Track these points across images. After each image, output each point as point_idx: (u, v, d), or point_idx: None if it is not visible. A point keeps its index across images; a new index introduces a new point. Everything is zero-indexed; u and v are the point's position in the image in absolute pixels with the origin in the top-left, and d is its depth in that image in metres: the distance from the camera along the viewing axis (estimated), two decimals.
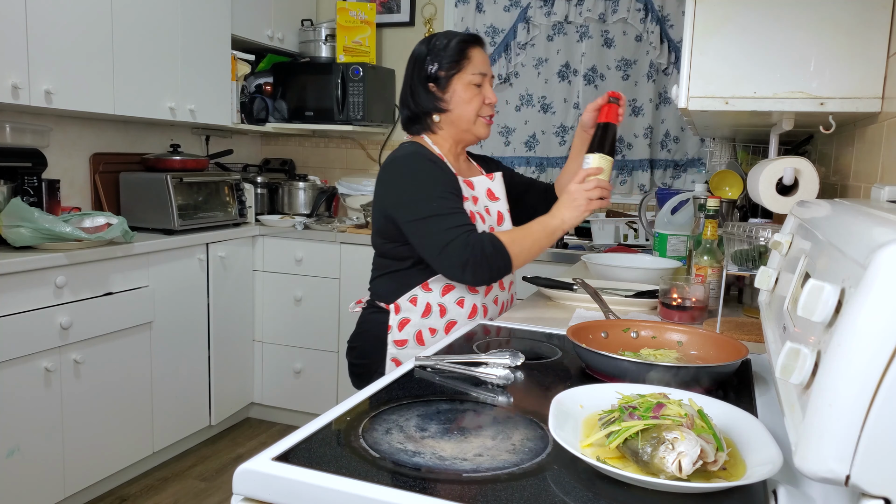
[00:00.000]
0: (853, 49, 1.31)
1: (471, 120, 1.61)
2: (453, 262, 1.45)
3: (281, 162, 3.95)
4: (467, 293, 1.59)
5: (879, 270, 0.50)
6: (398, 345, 1.59)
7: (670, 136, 3.38)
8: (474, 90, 1.60)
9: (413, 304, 1.58)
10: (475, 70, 1.60)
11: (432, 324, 1.58)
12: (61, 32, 2.41)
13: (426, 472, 0.74)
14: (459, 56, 1.59)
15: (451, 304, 1.58)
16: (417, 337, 1.59)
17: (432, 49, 1.60)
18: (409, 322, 1.58)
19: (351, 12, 3.51)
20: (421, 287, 1.58)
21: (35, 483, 2.26)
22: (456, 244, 1.44)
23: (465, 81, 1.59)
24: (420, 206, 1.49)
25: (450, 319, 1.59)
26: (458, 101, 1.59)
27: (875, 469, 0.51)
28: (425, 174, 1.52)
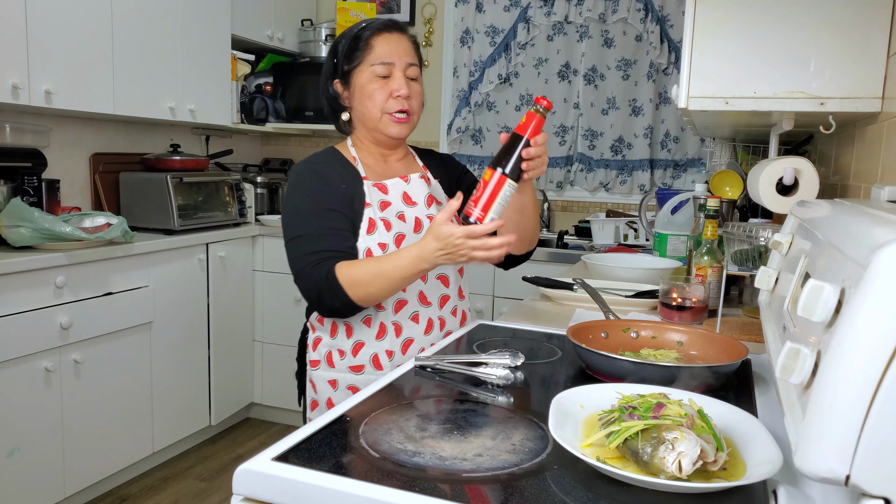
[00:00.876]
0: (853, 49, 1.31)
1: (375, 117, 1.40)
2: (303, 290, 1.34)
3: (281, 162, 3.95)
4: (373, 311, 1.40)
5: (879, 270, 0.50)
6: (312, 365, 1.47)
7: (670, 136, 3.38)
8: (379, 82, 1.39)
9: (320, 322, 1.44)
10: (377, 59, 1.38)
11: (339, 345, 1.43)
12: (61, 32, 2.41)
13: (426, 472, 0.74)
14: (362, 48, 1.39)
15: (357, 323, 1.41)
16: (328, 358, 1.44)
17: (338, 43, 1.43)
18: (320, 341, 1.45)
19: (351, 12, 3.51)
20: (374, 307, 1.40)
21: (35, 483, 2.26)
22: (302, 278, 1.33)
23: (368, 74, 1.39)
24: (287, 222, 1.38)
25: (356, 340, 1.42)
26: (358, 96, 1.41)
27: (875, 469, 0.51)
28: (304, 189, 1.39)
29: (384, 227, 1.40)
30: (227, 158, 3.57)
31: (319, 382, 1.45)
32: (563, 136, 3.51)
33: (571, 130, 3.50)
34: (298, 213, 1.37)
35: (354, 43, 1.40)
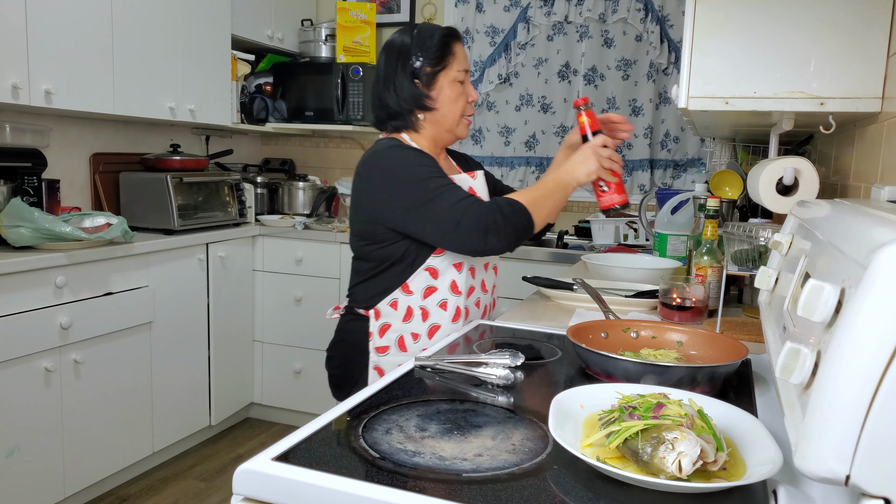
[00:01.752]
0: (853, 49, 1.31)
1: (455, 120, 1.52)
2: (473, 232, 1.35)
3: (281, 162, 3.95)
4: (450, 295, 1.50)
5: (879, 270, 0.50)
6: (379, 352, 1.51)
7: (670, 136, 3.38)
8: (459, 88, 1.50)
9: (393, 307, 1.50)
10: (460, 67, 1.50)
11: (414, 328, 1.50)
12: (61, 32, 2.41)
13: (426, 472, 0.74)
14: (445, 51, 1.48)
15: (434, 307, 1.50)
16: (399, 342, 1.51)
17: (417, 41, 1.48)
18: (390, 327, 1.50)
19: (351, 12, 3.51)
20: (401, 289, 1.49)
21: (35, 483, 2.26)
22: (470, 215, 1.35)
23: (451, 78, 1.49)
24: (416, 192, 1.39)
25: (433, 323, 1.50)
26: (444, 99, 1.49)
27: (875, 469, 0.51)
28: (411, 161, 1.42)
29: None
30: (227, 158, 3.57)
31: (389, 367, 1.49)
32: (562, 136, 3.51)
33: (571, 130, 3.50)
34: (421, 179, 1.39)
35: (441, 46, 1.47)
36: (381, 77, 1.51)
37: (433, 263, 1.48)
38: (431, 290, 1.49)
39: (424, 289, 1.49)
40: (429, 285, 1.49)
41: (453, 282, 1.50)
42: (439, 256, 1.48)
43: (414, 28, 1.51)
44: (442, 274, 1.49)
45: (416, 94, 1.48)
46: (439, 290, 1.50)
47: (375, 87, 1.53)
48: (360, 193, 1.48)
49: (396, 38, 1.51)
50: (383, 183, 1.43)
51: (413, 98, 1.48)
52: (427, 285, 1.49)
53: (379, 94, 1.52)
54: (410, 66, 1.47)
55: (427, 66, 1.47)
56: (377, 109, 1.54)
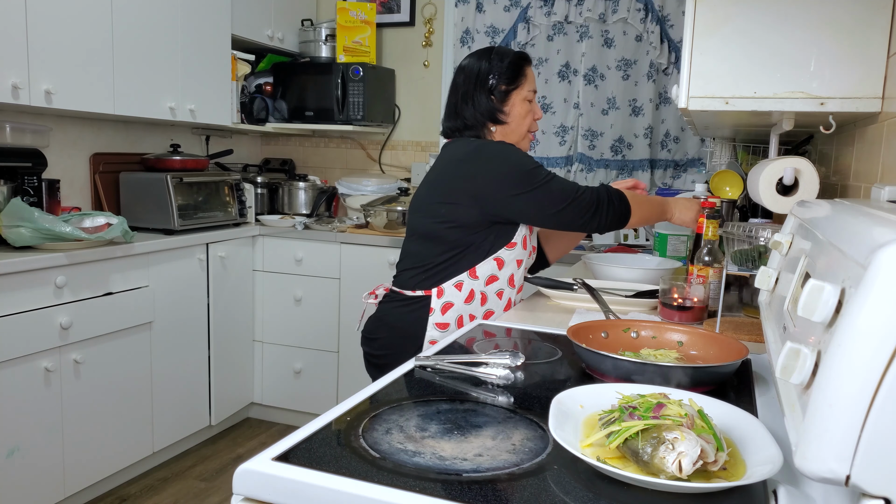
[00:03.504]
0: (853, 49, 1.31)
1: (522, 134, 1.71)
2: (585, 206, 1.56)
3: (281, 162, 3.95)
4: (507, 286, 1.67)
5: (879, 270, 0.50)
6: (440, 327, 1.63)
7: (670, 136, 3.38)
8: (528, 106, 1.70)
9: (458, 289, 1.63)
10: (530, 87, 1.70)
11: (472, 310, 1.65)
12: (61, 32, 2.41)
13: (426, 472, 0.74)
14: (518, 72, 1.68)
15: (492, 294, 1.66)
16: (458, 321, 1.64)
17: (494, 63, 1.67)
18: (452, 306, 1.63)
19: (351, 12, 3.51)
20: (468, 273, 1.63)
21: (35, 483, 2.26)
22: (585, 191, 1.57)
23: (522, 97, 1.68)
24: (535, 176, 1.57)
25: (488, 309, 1.66)
26: (515, 114, 1.68)
27: (875, 469, 0.51)
28: (523, 155, 1.61)
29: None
30: (227, 158, 3.57)
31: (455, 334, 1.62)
32: (563, 137, 3.51)
33: (571, 130, 3.50)
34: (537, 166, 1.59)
35: (515, 68, 1.68)
36: (461, 92, 1.69)
37: (503, 255, 1.64)
38: (494, 278, 1.65)
39: (489, 276, 1.65)
40: (493, 274, 1.65)
41: (512, 275, 1.67)
42: (510, 250, 1.64)
43: (491, 51, 1.69)
44: (506, 266, 1.66)
45: (491, 108, 1.67)
46: (500, 280, 1.66)
47: (451, 101, 1.71)
48: (465, 177, 1.60)
49: (474, 61, 1.70)
50: (500, 167, 1.58)
51: (488, 112, 1.67)
52: (492, 273, 1.65)
53: (455, 107, 1.70)
54: (487, 85, 1.66)
55: (502, 85, 1.66)
56: (451, 120, 1.71)
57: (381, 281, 3.06)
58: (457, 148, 1.66)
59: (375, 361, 1.71)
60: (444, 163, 1.66)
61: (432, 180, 1.68)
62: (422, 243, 1.67)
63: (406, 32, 3.74)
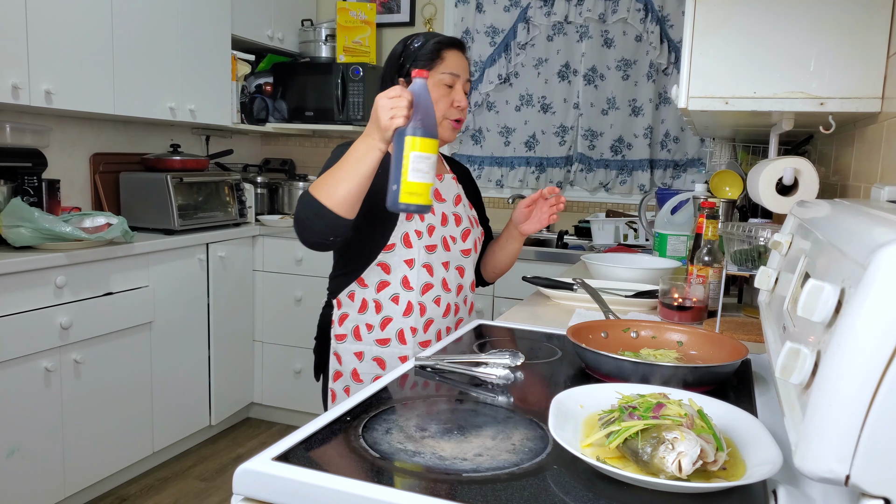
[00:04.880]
0: (853, 49, 1.31)
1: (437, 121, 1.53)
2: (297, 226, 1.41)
3: (281, 162, 3.95)
4: (402, 290, 1.55)
5: (879, 270, 0.50)
6: (339, 339, 1.60)
7: (670, 136, 3.38)
8: (443, 90, 1.53)
9: (350, 299, 1.58)
10: (447, 70, 1.53)
11: (368, 320, 1.57)
12: (61, 32, 2.41)
13: (426, 472, 0.74)
14: (433, 55, 1.53)
15: (386, 300, 1.56)
16: (355, 332, 1.58)
17: (407, 47, 1.56)
18: (347, 317, 1.59)
19: (351, 12, 3.51)
20: (357, 282, 1.57)
21: (35, 483, 2.26)
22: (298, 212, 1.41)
23: (435, 81, 1.52)
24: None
25: (385, 316, 1.56)
26: None
27: (875, 469, 0.51)
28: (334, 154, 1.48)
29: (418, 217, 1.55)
30: (227, 158, 3.57)
31: (345, 355, 1.59)
32: (562, 137, 3.51)
33: (571, 130, 3.50)
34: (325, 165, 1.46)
35: (430, 51, 1.53)
36: (381, 77, 1.60)
37: (384, 259, 1.55)
38: (384, 284, 1.56)
39: (378, 283, 1.56)
40: (382, 279, 1.56)
41: (405, 277, 1.55)
42: (389, 252, 1.54)
43: (412, 37, 1.58)
44: (394, 269, 1.55)
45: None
46: (391, 285, 1.56)
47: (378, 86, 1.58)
48: None
49: (397, 46, 1.59)
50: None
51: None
52: (380, 279, 1.56)
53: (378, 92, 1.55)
54: (394, 66, 1.56)
55: (413, 69, 1.50)
56: None
57: None
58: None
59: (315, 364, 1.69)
60: None
61: None
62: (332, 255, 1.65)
63: (406, 32, 3.73)
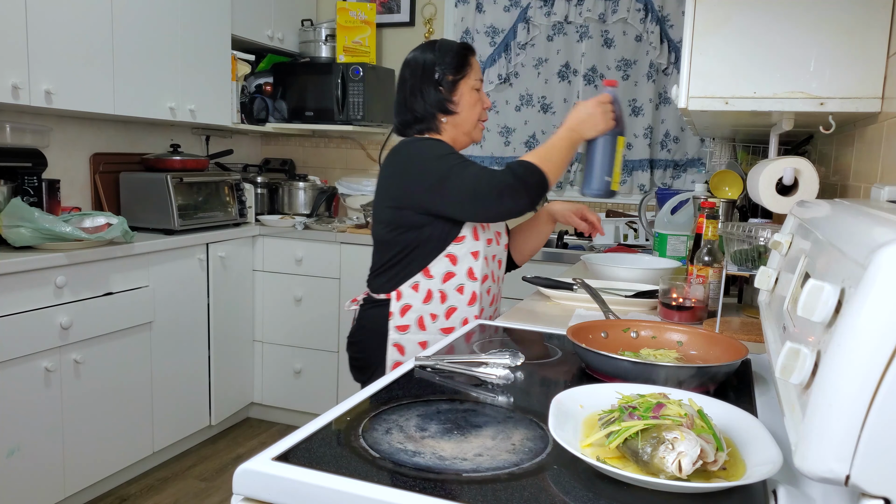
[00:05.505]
0: (853, 49, 1.31)
1: (473, 123, 1.70)
2: (488, 196, 1.49)
3: (281, 162, 3.95)
4: (467, 280, 1.65)
5: (879, 270, 0.50)
6: (400, 330, 1.66)
7: (670, 136, 3.38)
8: (476, 95, 1.69)
9: (415, 290, 1.65)
10: (476, 76, 1.70)
11: (433, 310, 1.65)
12: (61, 32, 2.41)
13: (426, 472, 0.74)
14: (464, 62, 1.68)
15: (452, 290, 1.65)
16: (419, 322, 1.65)
17: (438, 55, 1.67)
18: (410, 308, 1.65)
19: (351, 12, 3.51)
20: (422, 273, 1.64)
21: (35, 483, 2.26)
22: (483, 181, 1.50)
23: (470, 86, 1.68)
24: (437, 168, 1.54)
25: (450, 306, 1.65)
26: (465, 104, 1.68)
27: (875, 469, 0.51)
28: (430, 145, 1.61)
29: None
30: (227, 158, 3.57)
31: (409, 345, 1.66)
32: None
33: None
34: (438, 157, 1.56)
35: (460, 58, 1.67)
36: (409, 86, 1.69)
37: (453, 251, 1.63)
38: (450, 275, 1.64)
39: (444, 273, 1.64)
40: (448, 270, 1.64)
41: (470, 268, 1.65)
42: (459, 244, 1.63)
43: (434, 44, 1.70)
44: (461, 260, 1.64)
45: (440, 99, 1.66)
46: (458, 276, 1.65)
47: (400, 97, 1.70)
48: (387, 181, 1.63)
49: (419, 55, 1.69)
50: (409, 167, 1.59)
51: (437, 103, 1.67)
52: (447, 270, 1.64)
53: (405, 102, 1.69)
54: (433, 77, 1.66)
55: (449, 75, 1.66)
56: (402, 115, 1.70)
57: None
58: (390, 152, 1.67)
59: (356, 364, 1.74)
60: (381, 168, 1.68)
61: (377, 187, 1.70)
62: (378, 249, 1.70)
63: (406, 32, 3.74)
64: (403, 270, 1.65)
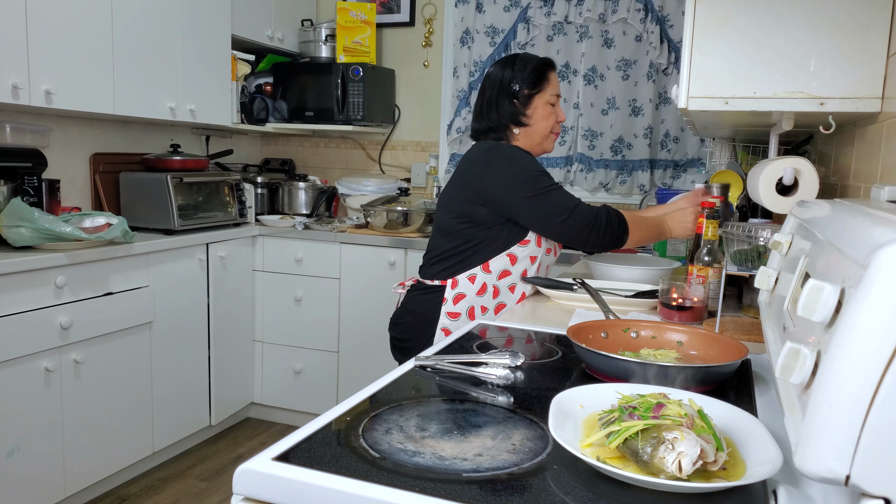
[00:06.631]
0: (853, 49, 1.31)
1: (545, 134, 1.82)
2: (581, 223, 1.66)
3: (281, 162, 3.95)
4: (519, 281, 1.77)
5: (879, 270, 0.50)
6: (451, 316, 1.75)
7: (670, 136, 3.38)
8: (550, 109, 1.81)
9: (471, 281, 1.75)
10: (553, 91, 1.81)
11: (485, 302, 1.76)
12: (61, 32, 2.41)
13: (426, 472, 0.74)
14: (541, 77, 1.79)
15: (504, 287, 1.76)
16: (470, 311, 1.75)
17: (517, 69, 1.78)
18: (464, 297, 1.75)
19: (351, 12, 3.51)
20: (481, 267, 1.75)
21: (35, 483, 2.26)
22: (582, 209, 1.67)
23: (545, 101, 1.79)
24: (539, 182, 1.67)
25: (500, 302, 1.76)
26: (538, 117, 1.80)
27: (875, 469, 0.51)
28: (530, 159, 1.73)
29: None
30: (227, 158, 3.57)
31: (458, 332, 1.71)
32: (562, 137, 3.51)
33: (571, 130, 3.50)
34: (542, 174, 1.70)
35: (538, 73, 1.79)
36: (486, 97, 1.81)
37: (515, 251, 1.74)
38: (506, 273, 1.76)
39: (501, 270, 1.75)
40: (505, 269, 1.75)
41: (525, 271, 1.77)
42: (523, 246, 1.75)
43: (516, 59, 1.80)
44: (519, 262, 1.75)
45: (514, 112, 1.79)
46: (512, 275, 1.76)
47: (478, 105, 1.84)
48: (476, 176, 1.73)
49: (499, 69, 1.81)
50: (507, 169, 1.69)
51: (511, 115, 1.79)
52: (504, 268, 1.75)
53: (481, 111, 1.83)
54: (510, 89, 1.78)
55: (525, 90, 1.77)
56: (478, 123, 1.84)
57: (381, 281, 3.06)
58: (474, 149, 1.79)
59: (399, 345, 1.84)
60: (462, 163, 1.79)
61: (452, 179, 1.81)
62: (441, 237, 1.80)
63: (406, 32, 3.74)
64: (464, 261, 1.75)
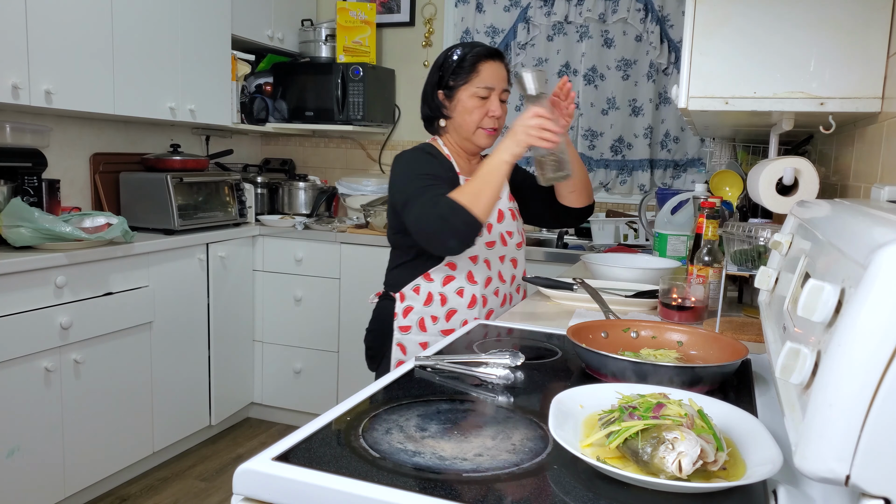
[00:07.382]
0: (853, 49, 1.31)
1: (471, 129, 1.70)
2: (426, 239, 1.54)
3: (281, 162, 3.95)
4: (466, 283, 1.70)
5: (879, 270, 0.50)
6: (402, 330, 1.72)
7: (670, 136, 3.38)
8: (478, 102, 1.67)
9: (416, 293, 1.71)
10: (482, 83, 1.67)
11: (433, 312, 1.71)
12: (61, 32, 2.41)
13: (426, 472, 0.74)
14: (469, 70, 1.67)
15: (451, 293, 1.70)
16: (420, 324, 1.71)
17: (447, 59, 1.70)
18: (412, 310, 1.71)
19: (351, 12, 3.50)
20: (423, 277, 1.70)
21: (35, 483, 2.26)
22: (423, 223, 1.52)
23: (470, 93, 1.67)
24: (403, 189, 1.59)
25: (450, 308, 1.70)
26: (460, 110, 1.69)
27: (875, 469, 0.51)
28: (417, 162, 1.65)
29: None
30: (227, 158, 3.57)
31: (410, 345, 1.72)
32: None
33: (571, 131, 3.50)
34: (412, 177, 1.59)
35: (462, 63, 1.67)
36: (424, 90, 1.76)
37: (451, 257, 1.67)
38: (450, 278, 1.70)
39: (444, 277, 1.70)
40: (447, 274, 1.70)
41: (469, 272, 1.70)
42: None
43: (452, 48, 1.71)
44: (460, 266, 1.69)
45: (437, 104, 1.72)
46: (457, 279, 1.70)
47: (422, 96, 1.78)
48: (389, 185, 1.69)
49: (438, 57, 1.74)
50: (396, 176, 1.65)
51: (435, 107, 1.73)
52: (446, 274, 1.70)
53: (422, 102, 1.78)
54: (436, 80, 1.72)
55: (450, 80, 1.69)
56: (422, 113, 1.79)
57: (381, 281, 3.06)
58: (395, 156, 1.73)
59: (369, 353, 1.83)
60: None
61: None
62: (392, 250, 1.79)
63: (406, 32, 3.74)
64: (407, 273, 1.72)
